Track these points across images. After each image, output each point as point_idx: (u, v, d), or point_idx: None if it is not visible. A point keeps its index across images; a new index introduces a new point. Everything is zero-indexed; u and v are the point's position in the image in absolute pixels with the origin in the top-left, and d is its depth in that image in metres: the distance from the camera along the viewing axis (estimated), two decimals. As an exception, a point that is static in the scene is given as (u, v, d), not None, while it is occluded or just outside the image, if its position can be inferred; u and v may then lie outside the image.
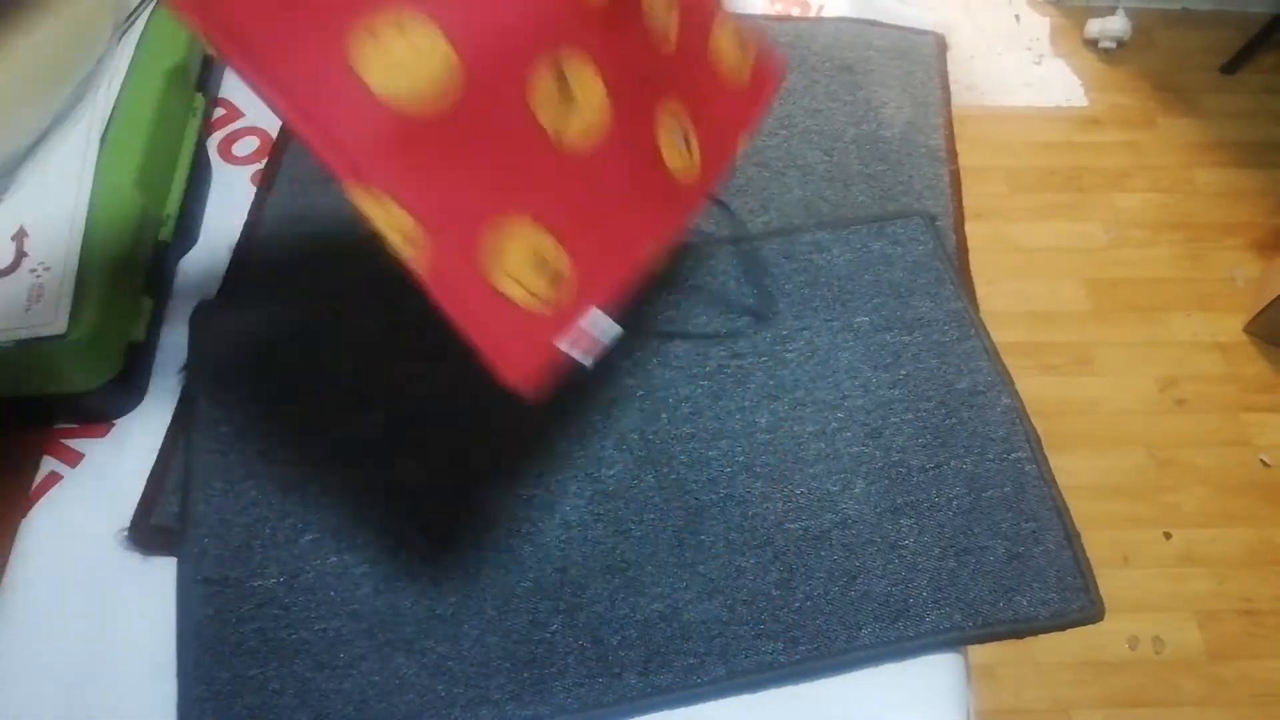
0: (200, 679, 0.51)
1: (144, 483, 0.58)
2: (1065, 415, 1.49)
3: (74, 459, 0.59)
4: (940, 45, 0.87)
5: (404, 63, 0.34)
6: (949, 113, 0.82)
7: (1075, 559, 0.58)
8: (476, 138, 0.37)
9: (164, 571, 0.55)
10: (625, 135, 0.41)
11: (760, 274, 0.66)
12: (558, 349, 0.38)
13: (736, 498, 0.59)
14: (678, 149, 0.43)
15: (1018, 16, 2.06)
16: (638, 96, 0.41)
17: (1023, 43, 2.01)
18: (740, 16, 0.47)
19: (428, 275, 0.35)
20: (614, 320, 0.39)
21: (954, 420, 0.63)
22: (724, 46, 0.45)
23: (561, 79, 0.38)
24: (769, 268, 0.69)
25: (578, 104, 0.39)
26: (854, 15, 0.88)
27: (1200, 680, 1.27)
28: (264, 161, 0.74)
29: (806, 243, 0.71)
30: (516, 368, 0.37)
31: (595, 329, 0.39)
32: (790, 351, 0.66)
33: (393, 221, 0.35)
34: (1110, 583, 0.55)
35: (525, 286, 0.37)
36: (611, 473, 0.60)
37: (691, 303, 0.68)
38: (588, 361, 0.39)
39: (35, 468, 0.59)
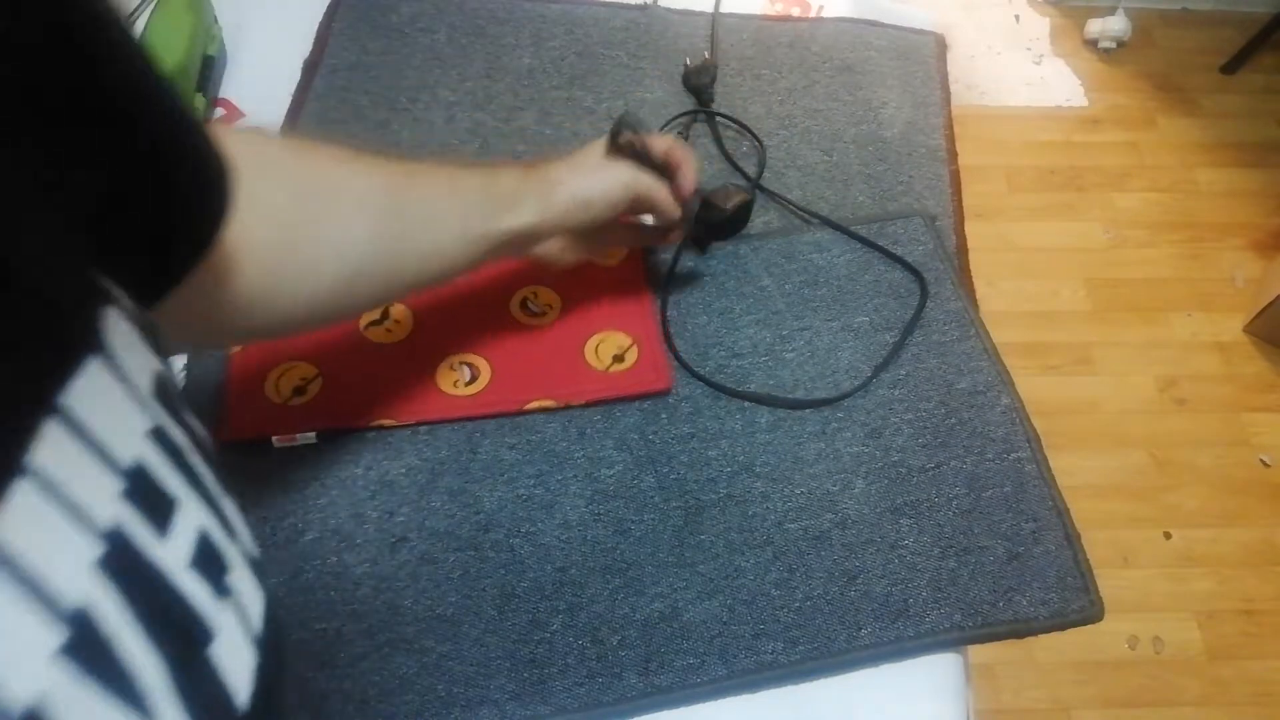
0: (200, 679, 0.51)
1: (144, 483, 0.58)
2: (1065, 415, 1.50)
3: (74, 459, 0.59)
4: (940, 45, 0.87)
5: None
6: (949, 113, 0.82)
7: (1075, 559, 0.58)
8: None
9: (164, 571, 0.55)
10: (408, 351, 0.63)
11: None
12: (268, 433, 0.59)
13: (736, 498, 0.59)
14: (453, 376, 0.62)
15: (1018, 16, 2.06)
16: (431, 339, 0.64)
17: (1023, 43, 2.01)
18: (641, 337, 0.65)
19: (233, 359, 0.62)
20: (314, 436, 0.59)
21: (954, 420, 0.63)
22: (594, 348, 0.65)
23: (386, 312, 0.64)
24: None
25: (389, 322, 0.64)
26: (854, 15, 0.88)
27: (1200, 680, 1.27)
28: (264, 161, 0.74)
29: (806, 243, 0.71)
30: (236, 428, 0.59)
31: (299, 438, 0.59)
32: (790, 351, 0.66)
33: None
34: (1110, 583, 0.55)
35: (280, 392, 0.60)
36: (611, 473, 0.60)
37: (692, 301, 0.68)
38: (284, 444, 0.59)
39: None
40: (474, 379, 0.62)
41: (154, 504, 0.21)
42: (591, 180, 0.56)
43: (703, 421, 0.62)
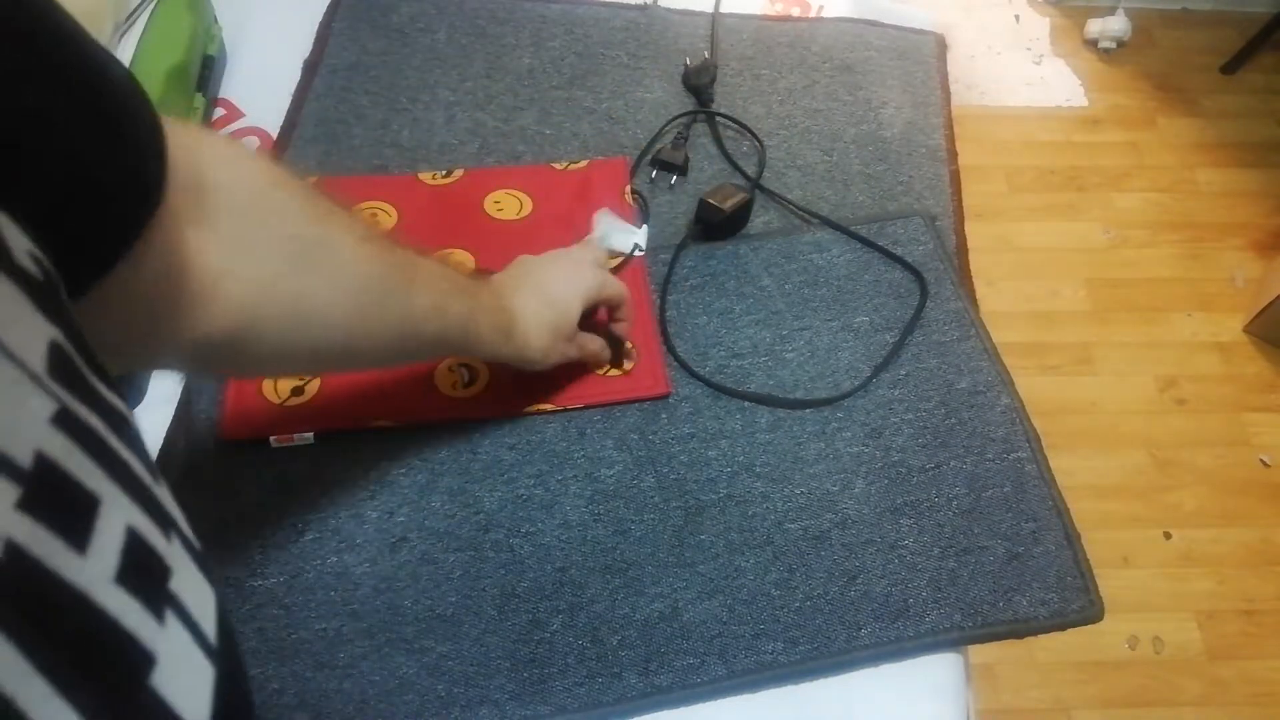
0: (200, 679, 0.51)
1: (144, 483, 0.58)
2: (1065, 415, 1.50)
3: (74, 459, 0.59)
4: (940, 45, 0.87)
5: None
6: (949, 113, 0.82)
7: (1075, 559, 0.58)
8: None
9: (164, 571, 0.55)
10: None
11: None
12: (265, 433, 0.59)
13: (736, 498, 0.59)
14: (452, 378, 0.62)
15: (1018, 16, 2.06)
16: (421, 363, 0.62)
17: (1023, 43, 2.01)
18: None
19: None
20: (312, 436, 0.59)
21: (954, 420, 0.63)
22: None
23: None
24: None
25: None
26: (854, 15, 0.88)
27: (1200, 680, 1.27)
28: (264, 161, 0.74)
29: (806, 243, 0.71)
30: (233, 428, 0.59)
31: (297, 438, 0.59)
32: (790, 351, 0.66)
33: None
34: (1110, 583, 0.55)
35: (278, 392, 0.60)
36: (611, 473, 0.60)
37: (692, 301, 0.68)
38: (282, 444, 0.59)
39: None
40: (472, 380, 0.62)
41: (67, 509, 0.18)
42: (552, 352, 0.56)
43: (703, 421, 0.62)
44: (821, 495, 0.59)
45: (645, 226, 0.71)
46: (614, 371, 0.63)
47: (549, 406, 0.62)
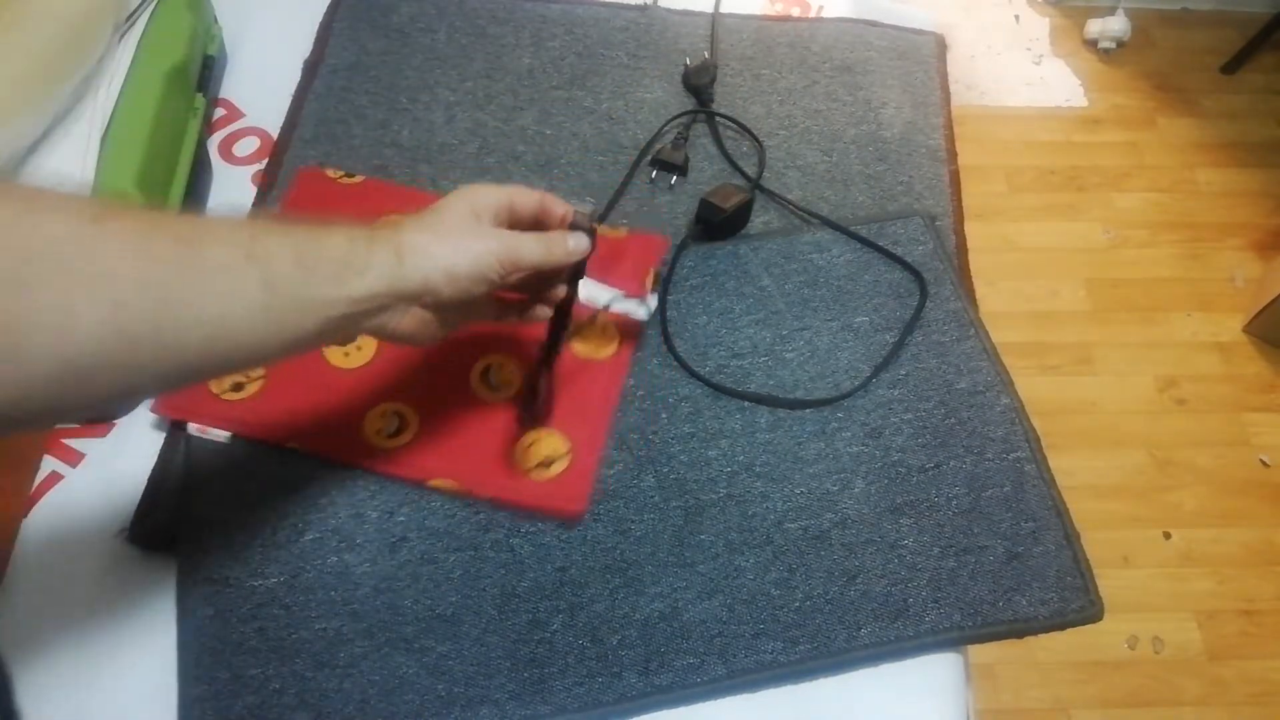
0: (200, 678, 0.51)
1: (144, 482, 0.58)
2: (1065, 415, 1.50)
3: (75, 458, 0.59)
4: (940, 45, 0.87)
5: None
6: (949, 113, 0.82)
7: (1075, 559, 0.58)
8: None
9: (164, 571, 0.55)
10: (355, 382, 0.61)
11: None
12: (191, 418, 0.59)
13: (736, 498, 0.59)
14: (377, 426, 0.59)
15: (1018, 16, 2.06)
16: (379, 378, 0.61)
17: (1023, 43, 2.01)
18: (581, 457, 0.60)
19: None
20: (226, 436, 0.59)
21: (954, 420, 0.63)
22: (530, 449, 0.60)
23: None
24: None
25: (351, 344, 0.62)
26: (854, 15, 0.88)
27: (1200, 680, 1.28)
28: (264, 162, 0.74)
29: (806, 243, 0.71)
30: (164, 402, 0.60)
31: (211, 432, 0.59)
32: (790, 351, 0.66)
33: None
34: (1110, 583, 0.55)
35: (220, 381, 0.60)
36: (611, 473, 0.60)
37: (692, 301, 0.68)
38: (198, 433, 0.59)
39: (36, 467, 0.59)
40: (398, 432, 0.59)
41: None
42: (459, 249, 0.46)
43: (703, 421, 0.62)
44: (821, 495, 0.59)
45: (654, 297, 0.65)
46: (538, 474, 0.58)
47: (452, 485, 0.57)
